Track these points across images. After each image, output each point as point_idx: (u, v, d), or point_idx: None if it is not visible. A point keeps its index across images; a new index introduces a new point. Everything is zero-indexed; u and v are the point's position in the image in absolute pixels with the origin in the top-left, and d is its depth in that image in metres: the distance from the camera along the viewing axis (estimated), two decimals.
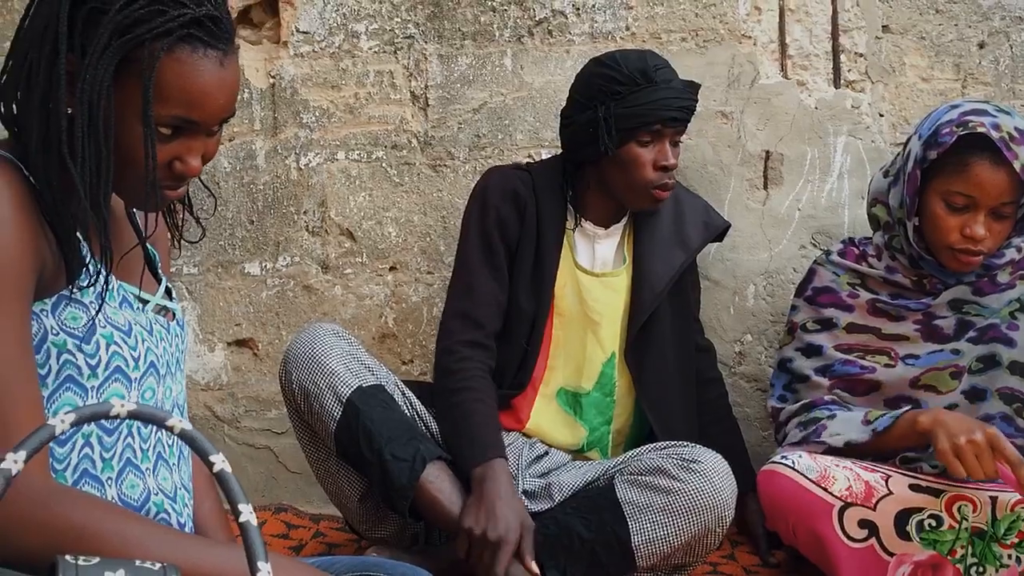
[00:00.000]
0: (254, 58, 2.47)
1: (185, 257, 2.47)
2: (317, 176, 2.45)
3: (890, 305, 1.90)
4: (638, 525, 1.77)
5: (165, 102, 1.07)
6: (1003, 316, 1.83)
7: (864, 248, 1.98)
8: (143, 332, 1.19)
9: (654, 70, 1.93)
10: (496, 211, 2.01)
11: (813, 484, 1.69)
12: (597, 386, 2.05)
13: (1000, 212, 1.77)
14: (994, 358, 1.81)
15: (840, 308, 1.93)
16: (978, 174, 1.74)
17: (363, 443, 1.81)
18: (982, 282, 1.86)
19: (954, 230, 1.79)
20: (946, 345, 1.85)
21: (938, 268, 1.87)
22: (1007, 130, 1.73)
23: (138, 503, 1.17)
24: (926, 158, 1.80)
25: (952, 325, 1.86)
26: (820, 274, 1.99)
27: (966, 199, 1.77)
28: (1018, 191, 1.74)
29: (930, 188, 1.82)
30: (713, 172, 2.38)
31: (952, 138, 1.76)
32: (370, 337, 2.45)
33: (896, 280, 1.91)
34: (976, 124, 1.74)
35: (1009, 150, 1.72)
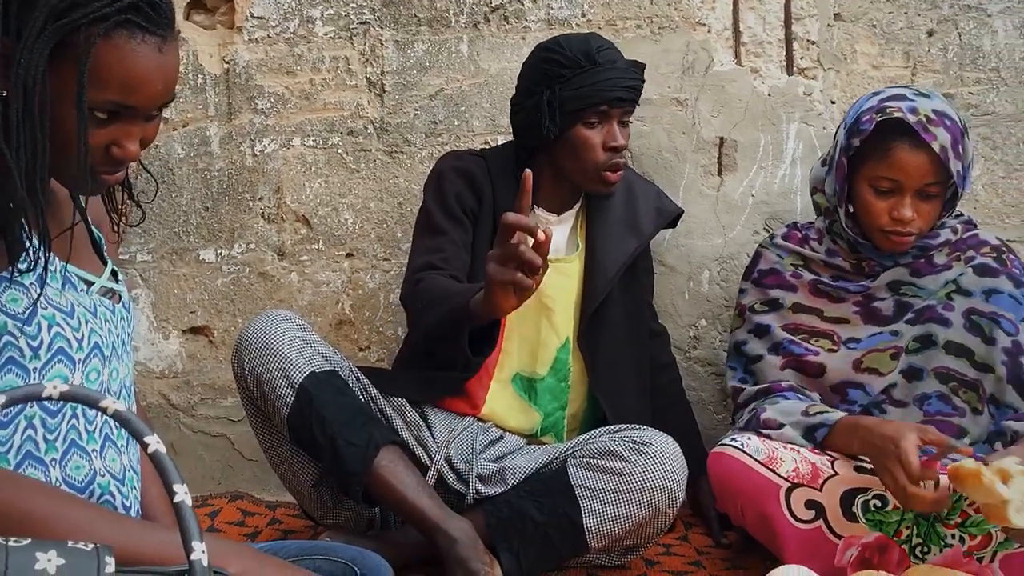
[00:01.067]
0: (208, 43, 2.44)
1: (139, 244, 2.45)
2: (272, 162, 2.43)
3: (831, 287, 1.93)
4: (590, 507, 1.79)
5: (101, 87, 1.06)
6: (939, 297, 1.87)
7: (807, 232, 2.01)
8: (86, 313, 1.18)
9: (597, 51, 1.94)
10: (455, 190, 2.01)
11: (761, 465, 1.72)
12: (552, 371, 2.06)
13: (926, 193, 1.81)
14: (930, 338, 1.84)
15: (785, 288, 1.96)
16: (900, 158, 1.78)
17: (316, 428, 1.80)
18: (919, 263, 1.90)
19: (883, 213, 1.83)
20: (885, 327, 1.88)
21: (875, 251, 1.90)
22: (924, 113, 1.77)
23: (82, 485, 1.17)
24: (850, 146, 1.85)
25: (891, 307, 1.89)
26: (765, 256, 2.02)
27: (891, 183, 1.81)
28: (941, 171, 1.78)
29: (858, 174, 1.86)
30: (668, 158, 2.40)
31: (871, 125, 1.80)
32: (327, 324, 2.44)
33: (836, 263, 1.94)
34: (893, 109, 1.78)
35: (927, 132, 1.76)
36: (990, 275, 1.86)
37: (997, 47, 2.36)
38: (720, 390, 2.41)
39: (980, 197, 2.38)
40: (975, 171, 2.36)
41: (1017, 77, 2.35)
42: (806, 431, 1.76)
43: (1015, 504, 1.48)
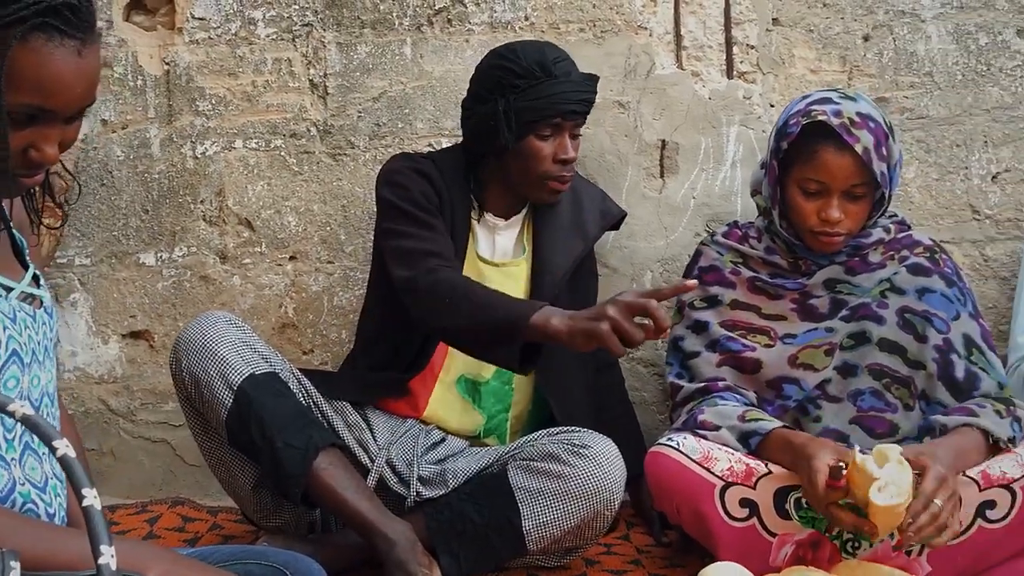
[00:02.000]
0: (148, 44, 2.42)
1: (77, 247, 2.42)
2: (214, 165, 2.41)
3: (768, 284, 1.96)
4: (529, 510, 1.80)
5: (18, 90, 1.05)
6: (874, 295, 1.91)
7: (747, 230, 2.04)
8: (4, 320, 1.16)
9: (553, 63, 1.95)
10: (415, 184, 1.97)
11: (696, 464, 1.73)
12: (496, 374, 2.07)
13: (853, 194, 1.85)
14: (864, 335, 1.88)
15: (724, 285, 1.99)
16: (825, 160, 1.82)
17: (254, 431, 1.79)
18: (854, 262, 1.94)
19: (812, 214, 1.86)
20: (821, 324, 1.92)
21: (808, 251, 1.94)
22: (848, 116, 1.81)
23: (2, 494, 1.15)
24: (779, 149, 1.88)
25: (826, 304, 1.93)
26: (706, 254, 2.05)
27: (818, 184, 1.84)
28: (866, 172, 1.82)
29: (787, 177, 1.89)
30: (611, 161, 2.41)
31: (798, 128, 1.84)
32: (270, 327, 2.43)
33: (774, 261, 1.97)
34: (818, 113, 1.82)
35: (851, 135, 1.79)
36: (923, 274, 1.90)
37: (931, 52, 2.40)
38: (662, 390, 2.43)
39: (915, 199, 2.42)
40: (910, 173, 2.41)
41: (950, 81, 2.40)
42: (741, 436, 1.78)
43: (880, 483, 1.50)
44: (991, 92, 2.41)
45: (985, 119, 2.41)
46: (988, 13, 2.40)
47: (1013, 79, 2.40)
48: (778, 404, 1.89)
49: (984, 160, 2.42)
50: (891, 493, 1.51)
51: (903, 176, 2.40)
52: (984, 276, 2.43)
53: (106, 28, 2.39)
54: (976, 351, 1.85)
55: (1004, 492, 1.69)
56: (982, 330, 1.88)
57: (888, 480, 1.51)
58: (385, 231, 1.99)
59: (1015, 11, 2.40)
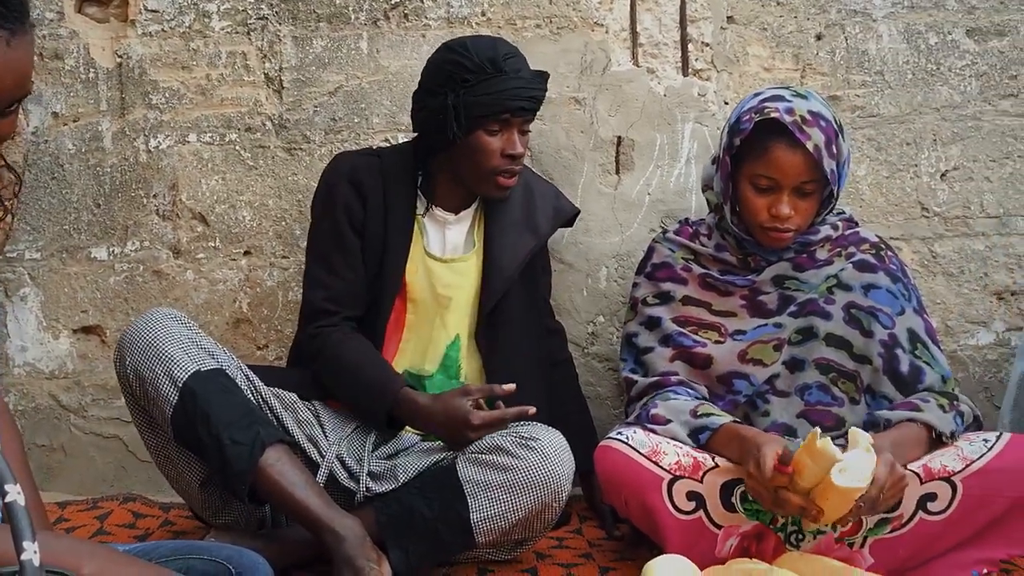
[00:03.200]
0: (100, 36, 2.40)
1: (27, 241, 2.39)
2: (168, 159, 2.39)
3: (719, 281, 1.98)
4: (477, 503, 1.80)
5: None
6: (821, 291, 1.93)
7: (697, 228, 2.06)
8: None
9: (503, 59, 1.95)
10: (341, 198, 2.01)
11: (644, 458, 1.75)
12: (441, 369, 2.07)
13: (803, 190, 1.87)
14: (812, 330, 1.90)
15: (676, 282, 2.00)
16: (777, 157, 1.84)
17: (201, 428, 1.77)
18: (801, 258, 1.96)
19: (762, 210, 1.88)
20: (770, 319, 1.94)
21: (758, 246, 1.96)
22: (800, 114, 1.83)
23: None
24: (732, 145, 1.91)
25: (775, 300, 1.95)
26: (658, 251, 2.06)
27: (769, 180, 1.86)
28: (816, 170, 1.84)
29: (740, 172, 1.91)
30: (566, 157, 2.42)
31: (751, 124, 1.86)
32: (224, 322, 2.42)
33: (724, 257, 1.99)
34: (771, 110, 1.84)
35: (802, 132, 1.82)
36: (869, 271, 1.93)
37: (882, 51, 2.44)
38: (616, 385, 2.45)
39: (865, 196, 2.45)
40: (860, 171, 2.44)
41: (900, 80, 2.44)
42: (691, 431, 1.80)
43: (841, 465, 1.53)
44: (940, 91, 2.44)
45: (935, 117, 2.44)
46: (938, 13, 2.44)
47: (962, 78, 2.44)
48: (728, 399, 1.91)
49: (933, 158, 2.45)
50: (851, 477, 1.53)
51: (854, 173, 2.43)
52: (932, 272, 2.47)
53: (57, 20, 2.36)
54: (920, 345, 1.88)
55: (945, 485, 1.72)
56: (926, 325, 1.91)
57: (849, 464, 1.53)
58: (308, 242, 2.10)
59: (964, 11, 2.44)
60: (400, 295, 2.05)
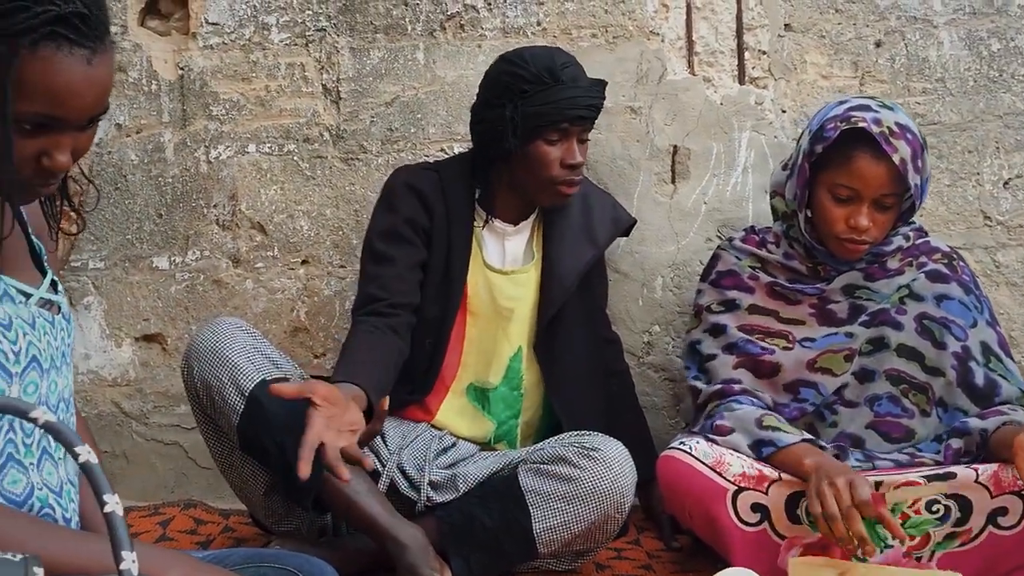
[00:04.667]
0: (163, 49, 2.44)
1: (91, 251, 2.43)
2: (227, 169, 2.43)
3: (787, 289, 1.96)
4: (540, 513, 1.80)
5: (27, 99, 1.05)
6: (893, 301, 1.91)
7: (764, 236, 2.04)
8: (24, 326, 1.17)
9: (561, 68, 1.95)
10: (406, 212, 2.01)
11: (708, 469, 1.74)
12: (504, 380, 2.08)
13: (883, 203, 1.84)
14: (883, 340, 1.88)
15: (742, 290, 1.99)
16: (860, 167, 1.81)
17: (266, 436, 1.80)
18: (872, 268, 1.94)
19: (840, 220, 1.85)
20: (840, 328, 1.92)
21: (830, 256, 1.94)
22: (887, 125, 1.80)
23: (20, 498, 1.16)
24: (813, 152, 1.87)
25: (845, 309, 1.93)
26: (723, 258, 2.05)
27: (850, 191, 1.83)
28: (898, 183, 1.81)
29: (818, 180, 1.88)
30: (622, 166, 2.42)
31: (836, 133, 1.82)
32: (282, 331, 2.44)
33: (793, 266, 1.97)
34: (858, 120, 1.81)
35: (889, 144, 1.78)
36: (942, 281, 1.90)
37: (943, 58, 2.40)
38: (673, 395, 2.44)
39: (927, 205, 2.41)
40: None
41: (962, 87, 2.40)
42: (753, 443, 1.78)
43: None
44: (1003, 98, 2.40)
45: (997, 125, 2.41)
46: (1000, 19, 2.40)
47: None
48: (794, 407, 1.89)
49: (996, 166, 2.41)
50: None
51: None
52: (996, 282, 2.43)
53: (121, 33, 2.41)
54: (994, 359, 1.85)
55: (1016, 499, 1.69)
56: (999, 337, 1.88)
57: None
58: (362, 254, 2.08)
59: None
60: (461, 309, 2.06)
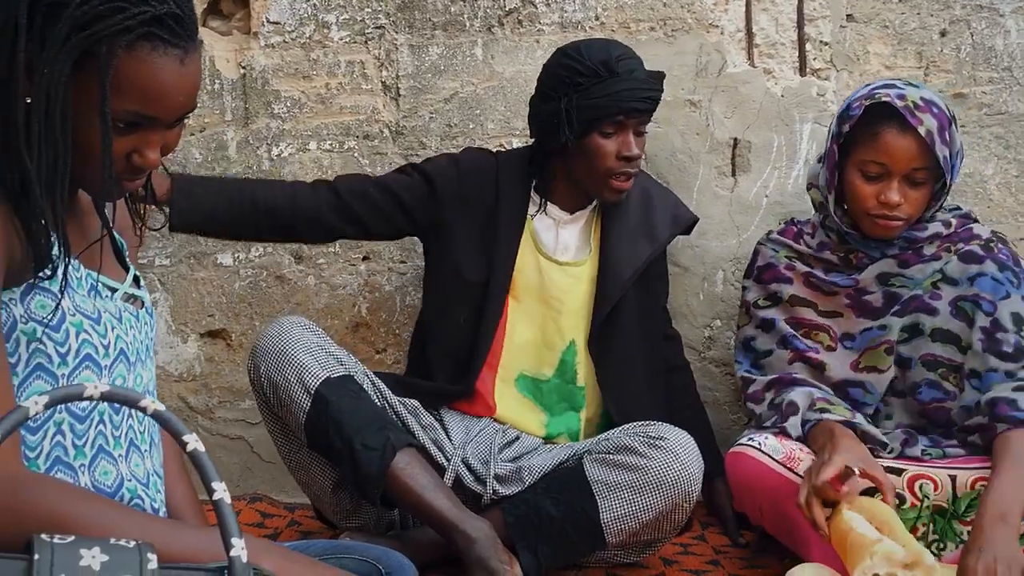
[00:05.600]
0: (225, 49, 2.47)
1: (157, 248, 2.47)
2: (289, 166, 2.45)
3: (823, 281, 1.95)
4: (607, 503, 1.80)
5: (122, 98, 1.07)
6: (925, 287, 1.88)
7: (802, 227, 2.04)
8: (112, 320, 1.20)
9: (616, 61, 1.95)
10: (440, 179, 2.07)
11: (779, 465, 1.73)
12: (558, 373, 2.07)
13: (913, 179, 1.83)
14: (917, 327, 1.86)
15: (781, 281, 1.99)
16: (887, 142, 1.81)
17: (333, 433, 1.82)
18: (906, 255, 1.92)
19: (870, 197, 1.85)
20: (875, 321, 1.90)
21: (863, 242, 1.92)
22: (912, 99, 1.81)
23: (112, 489, 1.18)
24: (840, 132, 1.88)
25: (880, 299, 1.91)
26: (762, 253, 2.05)
27: (879, 167, 1.83)
28: (928, 157, 1.80)
29: (848, 161, 1.89)
30: (682, 160, 2.41)
31: (860, 110, 1.84)
32: (343, 327, 2.46)
33: (825, 256, 1.97)
34: (882, 95, 1.82)
35: (914, 116, 1.79)
36: (975, 262, 1.87)
37: (1010, 47, 2.36)
38: (734, 390, 2.42)
39: (994, 197, 2.38)
40: (988, 170, 2.37)
41: None
42: (803, 421, 1.79)
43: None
44: None
45: None
46: None
47: None
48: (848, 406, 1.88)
49: None
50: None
51: (981, 173, 2.36)
52: None
53: None
54: None
55: None
56: None
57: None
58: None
59: None
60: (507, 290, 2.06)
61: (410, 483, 1.81)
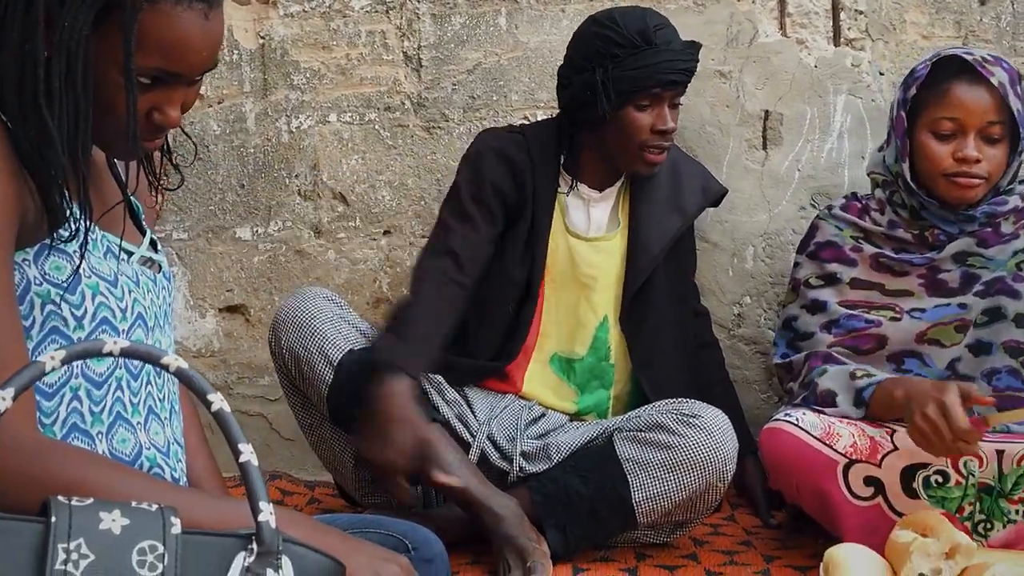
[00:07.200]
0: (243, 18, 2.42)
1: (175, 222, 2.43)
2: (309, 139, 2.40)
3: (894, 260, 1.87)
4: (638, 481, 1.75)
5: (146, 53, 1.04)
6: (1009, 268, 1.81)
7: (867, 203, 1.95)
8: (129, 283, 1.16)
9: (654, 31, 1.89)
10: (491, 174, 1.96)
11: (817, 441, 1.67)
12: (591, 351, 2.02)
13: (989, 135, 1.77)
14: (1000, 311, 1.78)
15: (844, 263, 1.90)
16: (959, 95, 1.76)
17: (355, 407, 1.77)
18: (985, 232, 1.84)
19: (946, 157, 1.79)
20: (952, 299, 1.83)
21: (940, 217, 1.84)
22: (980, 55, 1.78)
23: (130, 457, 1.14)
24: (906, 99, 1.83)
25: (957, 278, 1.83)
26: (823, 229, 1.96)
27: (952, 123, 1.78)
28: (1002, 110, 1.75)
29: (918, 127, 1.82)
30: (711, 132, 2.35)
31: (927, 69, 1.79)
32: (364, 302, 2.42)
33: (898, 235, 1.88)
34: (948, 52, 1.79)
35: (984, 68, 1.74)
36: None
37: None
38: (764, 369, 2.36)
39: None
40: None
41: None
42: (856, 396, 1.71)
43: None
44: None
45: None
46: None
47: None
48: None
49: None
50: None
51: None
52: None
53: None
54: None
55: None
56: None
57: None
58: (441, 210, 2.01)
59: None
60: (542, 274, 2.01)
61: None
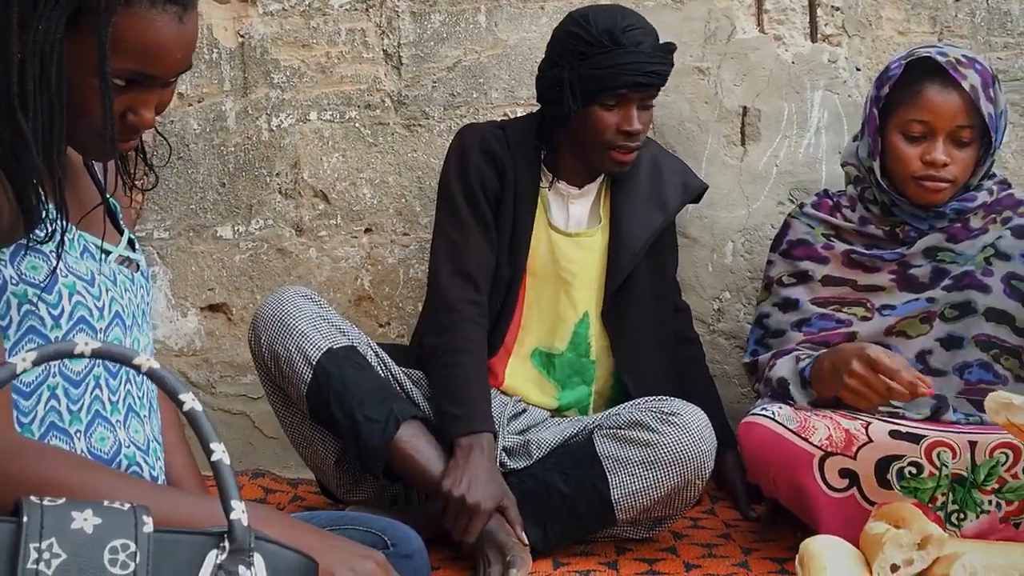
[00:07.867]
0: (223, 17, 2.41)
1: (155, 221, 2.43)
2: (289, 137, 2.41)
3: (865, 256, 1.89)
4: (617, 479, 1.76)
5: (120, 56, 1.04)
6: (978, 263, 1.83)
7: (838, 200, 1.97)
8: (106, 282, 1.17)
9: (623, 31, 1.88)
10: (477, 169, 1.97)
11: (793, 434, 1.69)
12: (571, 346, 2.03)
13: (959, 139, 1.79)
14: (970, 305, 1.80)
15: (815, 260, 1.92)
16: (930, 98, 1.77)
17: (334, 405, 1.78)
18: (955, 228, 1.86)
19: (915, 159, 1.80)
20: (922, 294, 1.84)
21: (911, 214, 1.86)
22: (954, 56, 1.78)
23: (109, 456, 1.15)
24: (879, 96, 1.84)
25: (927, 273, 1.85)
26: (794, 227, 1.98)
27: (922, 126, 1.79)
28: (973, 114, 1.76)
29: (889, 125, 1.84)
30: (690, 129, 2.36)
31: (900, 68, 1.80)
32: (346, 300, 2.42)
33: (869, 231, 1.90)
34: (922, 52, 1.79)
35: (956, 71, 1.75)
36: None
37: None
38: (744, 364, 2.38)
39: (1009, 164, 2.33)
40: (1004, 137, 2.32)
41: None
42: (801, 379, 1.76)
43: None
44: None
45: None
46: None
47: None
48: None
49: None
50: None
51: None
52: None
53: None
54: None
55: None
56: None
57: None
58: (440, 210, 2.02)
59: None
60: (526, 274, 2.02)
61: (414, 455, 1.78)
